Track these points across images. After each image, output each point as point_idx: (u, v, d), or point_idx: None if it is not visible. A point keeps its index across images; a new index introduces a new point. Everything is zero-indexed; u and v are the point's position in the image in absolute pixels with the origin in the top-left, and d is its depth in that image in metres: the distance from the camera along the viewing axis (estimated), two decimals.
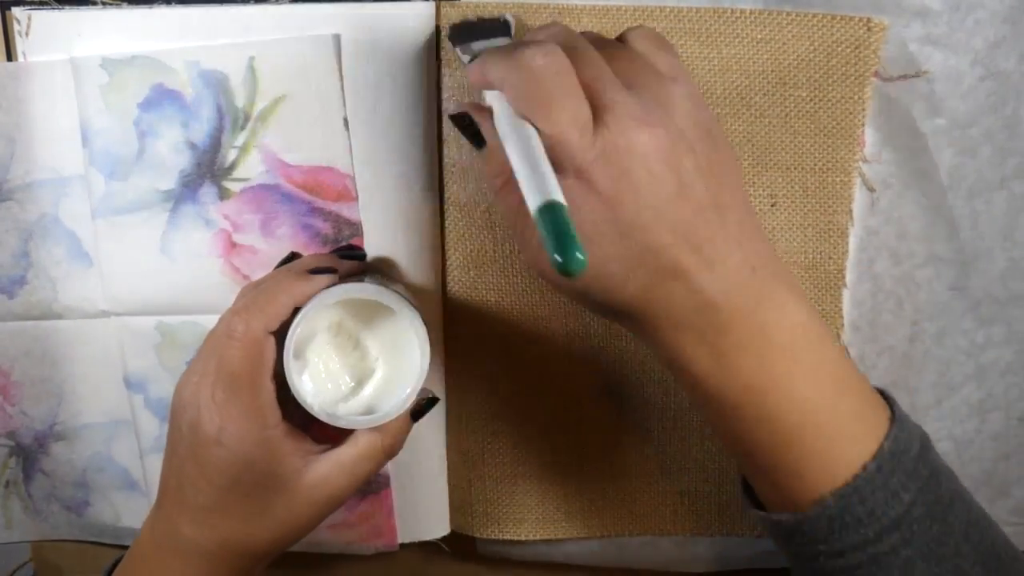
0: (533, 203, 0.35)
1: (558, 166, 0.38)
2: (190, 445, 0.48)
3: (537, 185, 0.36)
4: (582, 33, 0.43)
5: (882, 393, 0.45)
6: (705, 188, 0.40)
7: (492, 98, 0.42)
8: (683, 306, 0.40)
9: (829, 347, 0.43)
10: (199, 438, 0.48)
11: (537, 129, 0.38)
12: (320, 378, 0.51)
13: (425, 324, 0.49)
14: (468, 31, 0.52)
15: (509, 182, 0.41)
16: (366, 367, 0.52)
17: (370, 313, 0.52)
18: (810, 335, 0.42)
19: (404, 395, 0.49)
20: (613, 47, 0.42)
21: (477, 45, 0.50)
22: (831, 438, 0.41)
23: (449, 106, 0.53)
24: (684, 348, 0.41)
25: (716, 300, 0.40)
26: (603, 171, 0.38)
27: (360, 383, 0.52)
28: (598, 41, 0.42)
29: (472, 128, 0.45)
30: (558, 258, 0.33)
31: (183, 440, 0.49)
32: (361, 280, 0.54)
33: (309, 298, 0.50)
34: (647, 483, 0.61)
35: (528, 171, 0.37)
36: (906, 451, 0.42)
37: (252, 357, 0.48)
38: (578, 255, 0.33)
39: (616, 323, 0.44)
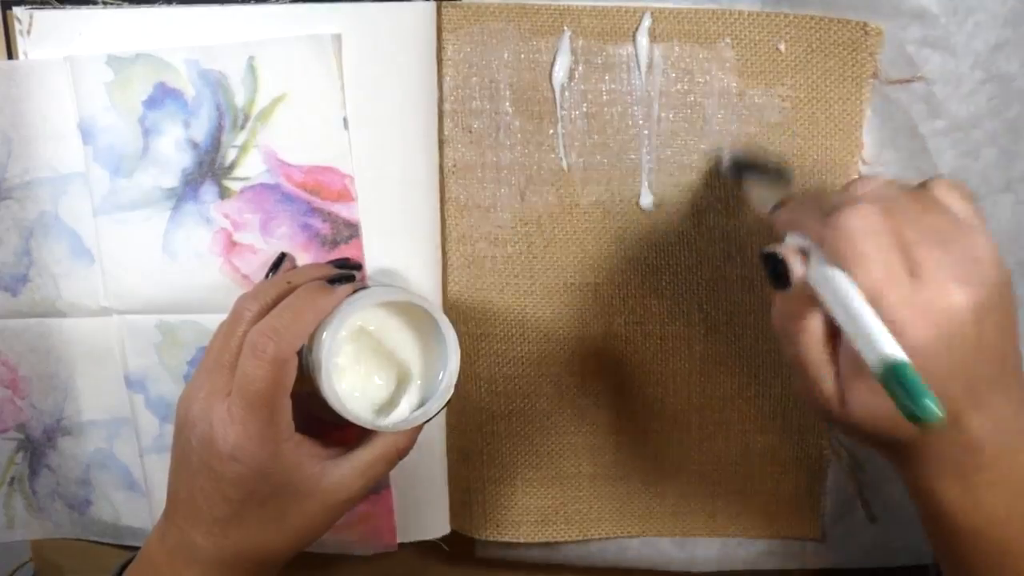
0: (878, 361, 0.37)
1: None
2: (202, 459, 0.48)
3: (878, 341, 0.38)
4: (889, 182, 0.45)
5: None
6: (997, 339, 0.41)
7: (806, 245, 0.43)
8: (950, 444, 0.42)
9: None
10: (213, 453, 0.48)
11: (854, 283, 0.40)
12: (352, 386, 0.53)
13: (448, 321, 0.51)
14: (749, 165, 0.55)
15: (806, 332, 0.43)
16: (392, 369, 0.54)
17: (389, 316, 0.53)
18: None
19: (442, 388, 0.51)
20: (921, 199, 0.43)
21: (754, 179, 0.54)
22: None
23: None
24: (938, 482, 0.43)
25: (982, 440, 0.41)
26: (918, 327, 0.39)
27: (387, 384, 0.53)
28: (907, 193, 0.43)
29: (778, 268, 0.45)
30: (917, 414, 0.35)
31: (193, 454, 0.49)
32: (367, 287, 0.55)
33: (333, 310, 0.51)
34: (646, 485, 0.61)
35: (859, 322, 0.39)
36: None
37: (277, 377, 0.48)
38: (937, 410, 0.35)
39: (874, 448, 0.45)
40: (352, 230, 0.57)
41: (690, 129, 0.56)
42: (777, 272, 0.44)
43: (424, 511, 0.63)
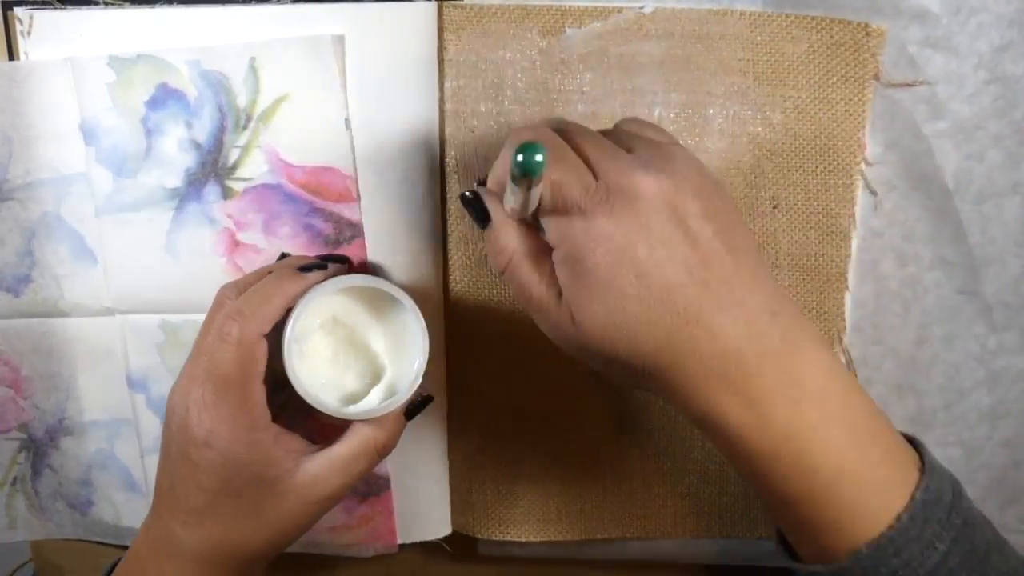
0: (512, 158, 0.37)
1: (563, 209, 0.41)
2: (180, 447, 0.49)
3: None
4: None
5: (911, 440, 0.45)
6: (714, 232, 0.41)
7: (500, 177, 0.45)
8: (708, 352, 0.40)
9: (858, 394, 0.43)
10: (188, 439, 0.48)
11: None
12: (318, 373, 0.52)
13: (421, 313, 0.51)
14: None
15: (513, 261, 0.44)
16: (365, 361, 0.53)
17: (363, 308, 0.53)
18: (838, 382, 0.42)
19: (412, 377, 0.50)
20: (609, 132, 0.45)
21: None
22: (865, 488, 0.41)
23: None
24: (715, 399, 0.41)
25: (740, 345, 0.40)
26: (612, 212, 0.40)
27: (361, 376, 0.53)
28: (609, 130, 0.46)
29: (478, 207, 0.46)
30: (518, 155, 0.36)
31: (174, 441, 0.49)
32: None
33: (301, 296, 0.50)
34: (648, 485, 0.61)
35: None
36: (938, 500, 0.41)
37: (244, 360, 0.48)
38: (539, 155, 0.36)
39: (643, 387, 0.44)
40: (354, 230, 0.57)
41: (691, 129, 0.56)
42: (478, 212, 0.46)
43: (426, 512, 0.63)
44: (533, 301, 0.44)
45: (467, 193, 0.46)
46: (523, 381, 0.60)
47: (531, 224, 0.45)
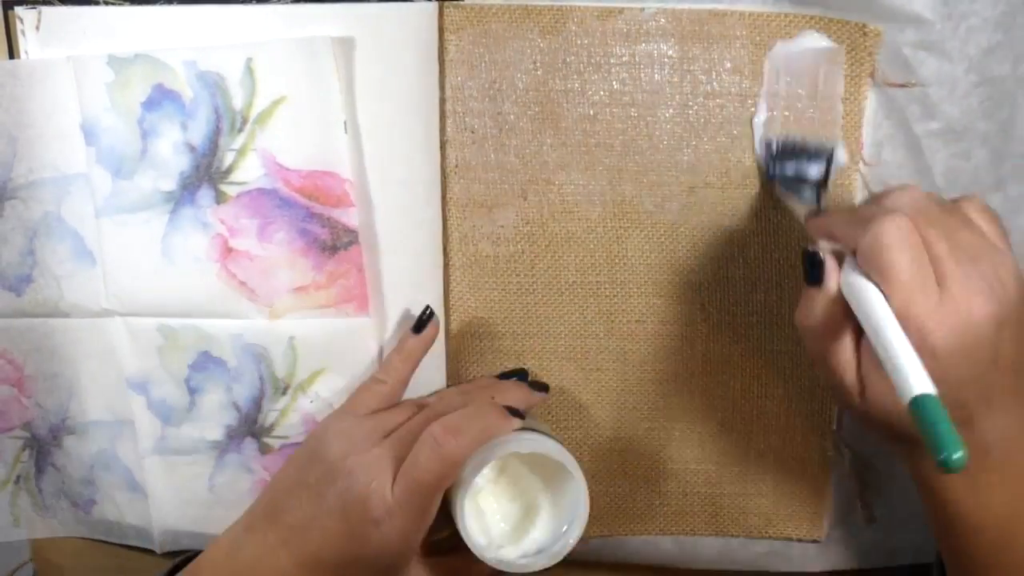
0: (906, 391, 0.39)
1: (902, 324, 0.42)
2: (343, 507, 0.49)
3: (908, 372, 0.40)
4: (928, 194, 0.47)
5: None
6: (1015, 354, 0.44)
7: (841, 250, 0.47)
8: (973, 443, 0.42)
9: None
10: (358, 509, 0.49)
11: (884, 294, 0.43)
12: (483, 519, 0.53)
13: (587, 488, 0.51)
14: (791, 151, 0.56)
15: (828, 328, 0.46)
16: (527, 510, 0.54)
17: (533, 462, 0.54)
18: None
19: (569, 539, 0.51)
20: (954, 215, 0.45)
21: (793, 167, 0.56)
22: None
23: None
24: (946, 478, 0.46)
25: (991, 443, 0.44)
26: (940, 334, 0.42)
27: (519, 526, 0.54)
28: (941, 207, 0.46)
29: (815, 266, 0.47)
30: (941, 457, 0.37)
31: (332, 495, 0.50)
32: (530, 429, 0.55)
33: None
34: (647, 484, 0.62)
35: (893, 351, 0.41)
36: None
37: (444, 476, 0.49)
38: (960, 453, 0.36)
39: (885, 439, 0.48)
40: (352, 236, 0.56)
41: (692, 128, 0.56)
42: (814, 269, 0.47)
43: None
44: (833, 371, 0.47)
45: (815, 251, 0.48)
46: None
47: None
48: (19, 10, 0.55)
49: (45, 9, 0.55)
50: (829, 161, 0.56)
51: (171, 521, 0.64)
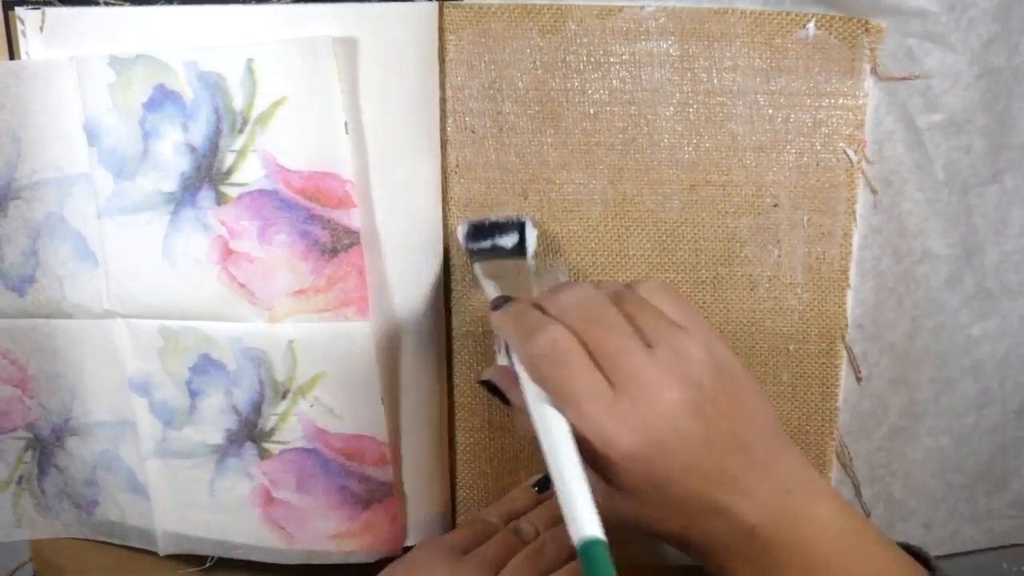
0: (575, 533, 0.37)
1: (585, 437, 0.40)
2: None
3: (575, 513, 0.37)
4: (599, 284, 0.45)
5: (919, 556, 0.46)
6: (730, 429, 0.41)
7: (517, 365, 0.43)
8: (724, 534, 0.42)
9: (868, 542, 0.44)
10: None
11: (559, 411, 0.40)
12: None
13: None
14: (481, 231, 0.56)
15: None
16: None
17: None
18: (848, 539, 0.43)
19: None
20: (628, 302, 0.43)
21: (486, 248, 0.55)
22: None
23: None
24: (730, 567, 0.43)
25: (755, 526, 0.42)
26: (629, 437, 0.39)
27: None
28: (615, 296, 0.43)
29: (498, 392, 0.47)
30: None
31: None
32: None
33: None
34: None
35: (564, 489, 0.38)
36: None
37: None
38: None
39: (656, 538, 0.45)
40: (352, 238, 0.55)
41: (692, 126, 0.56)
42: (499, 395, 0.46)
43: (427, 512, 0.62)
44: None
45: (488, 380, 0.46)
46: None
47: None
48: (20, 11, 0.55)
49: (49, 10, 0.55)
50: (522, 232, 0.55)
51: (173, 524, 0.63)
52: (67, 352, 0.61)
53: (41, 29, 0.55)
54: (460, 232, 0.56)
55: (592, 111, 0.56)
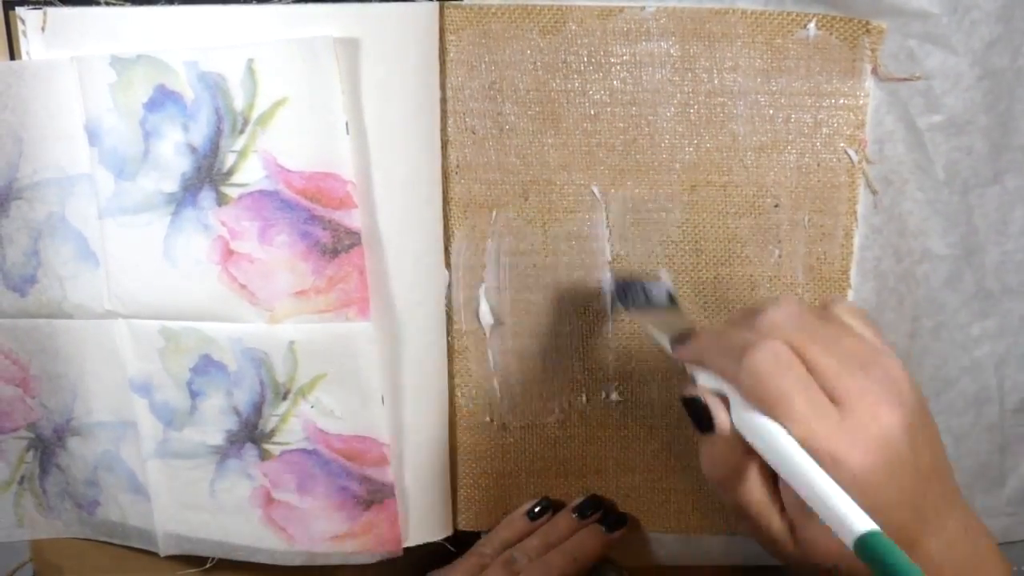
0: (847, 533, 0.35)
1: (811, 453, 0.38)
2: None
3: (842, 511, 0.36)
4: (790, 298, 0.44)
5: None
6: (931, 459, 0.40)
7: (723, 388, 0.42)
8: None
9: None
10: None
11: (783, 425, 0.39)
12: None
13: None
14: (631, 290, 0.56)
15: (738, 475, 0.42)
16: None
17: None
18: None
19: None
20: (829, 323, 0.42)
21: (644, 308, 0.55)
22: None
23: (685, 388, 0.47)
24: None
25: (940, 565, 0.41)
26: (861, 456, 0.38)
27: None
28: (814, 317, 0.43)
29: (701, 413, 0.43)
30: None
31: None
32: None
33: None
34: (652, 480, 0.61)
35: (819, 491, 0.37)
36: None
37: None
38: None
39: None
40: (353, 238, 0.55)
41: (693, 127, 0.56)
42: (700, 417, 0.43)
43: (427, 513, 0.62)
44: (755, 520, 0.43)
45: (695, 398, 0.44)
46: (525, 378, 0.60)
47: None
48: (20, 11, 0.55)
49: (51, 10, 0.55)
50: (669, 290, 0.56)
51: (174, 524, 0.63)
52: (68, 352, 0.61)
53: (42, 29, 0.55)
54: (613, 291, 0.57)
55: (593, 112, 0.55)
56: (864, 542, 0.35)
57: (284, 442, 0.60)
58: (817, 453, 0.38)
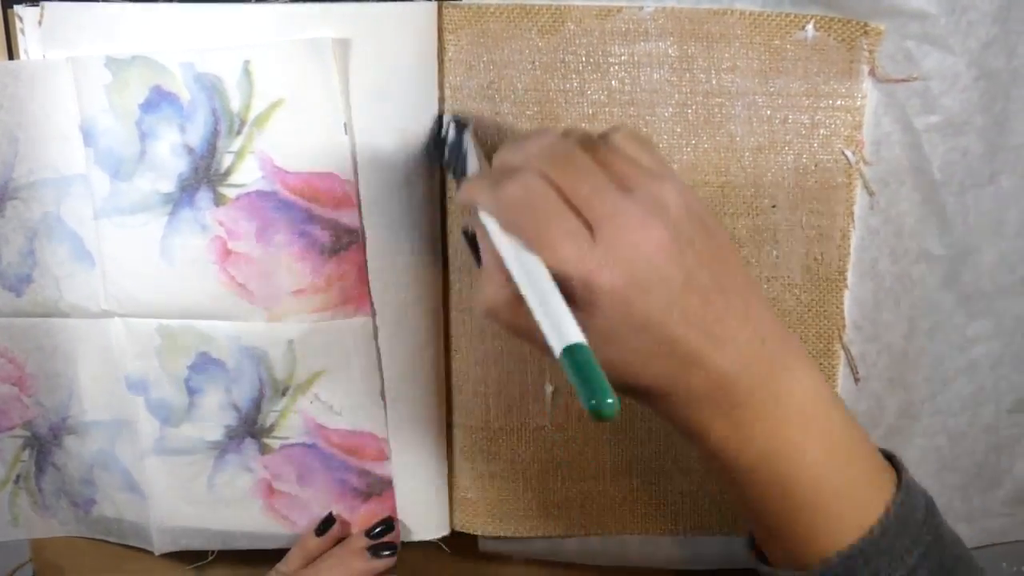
0: (556, 346, 0.36)
1: (564, 279, 0.38)
2: None
3: (555, 325, 0.37)
4: (567, 131, 0.44)
5: (890, 457, 0.46)
6: (709, 275, 0.40)
7: (486, 220, 0.42)
8: (700, 386, 0.41)
9: (840, 413, 0.43)
10: None
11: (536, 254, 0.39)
12: None
13: None
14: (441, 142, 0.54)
15: (507, 304, 0.41)
16: None
17: None
18: (821, 401, 0.43)
19: None
20: (600, 150, 0.42)
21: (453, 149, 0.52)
22: (840, 502, 0.42)
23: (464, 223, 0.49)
24: (702, 422, 0.42)
25: (731, 376, 0.40)
26: (609, 275, 0.38)
27: None
28: (584, 143, 0.42)
29: (472, 242, 0.45)
30: (592, 403, 0.34)
31: None
32: None
33: None
34: (649, 482, 0.61)
35: (542, 309, 0.38)
36: (911, 515, 0.42)
37: None
38: (609, 400, 0.34)
39: (633, 399, 0.43)
40: (352, 236, 0.55)
41: (691, 127, 0.55)
42: (472, 248, 0.44)
43: (425, 511, 0.62)
44: (538, 344, 0.42)
45: (466, 228, 0.45)
46: (524, 378, 0.60)
47: None
48: (19, 9, 0.55)
49: (47, 5, 0.54)
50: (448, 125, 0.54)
51: (169, 521, 0.63)
52: (64, 351, 0.61)
53: (40, 23, 0.54)
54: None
55: (591, 112, 0.55)
56: (566, 353, 0.36)
57: (283, 436, 0.60)
58: (568, 278, 0.38)
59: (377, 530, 0.61)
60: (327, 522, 0.61)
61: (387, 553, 0.61)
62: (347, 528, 0.62)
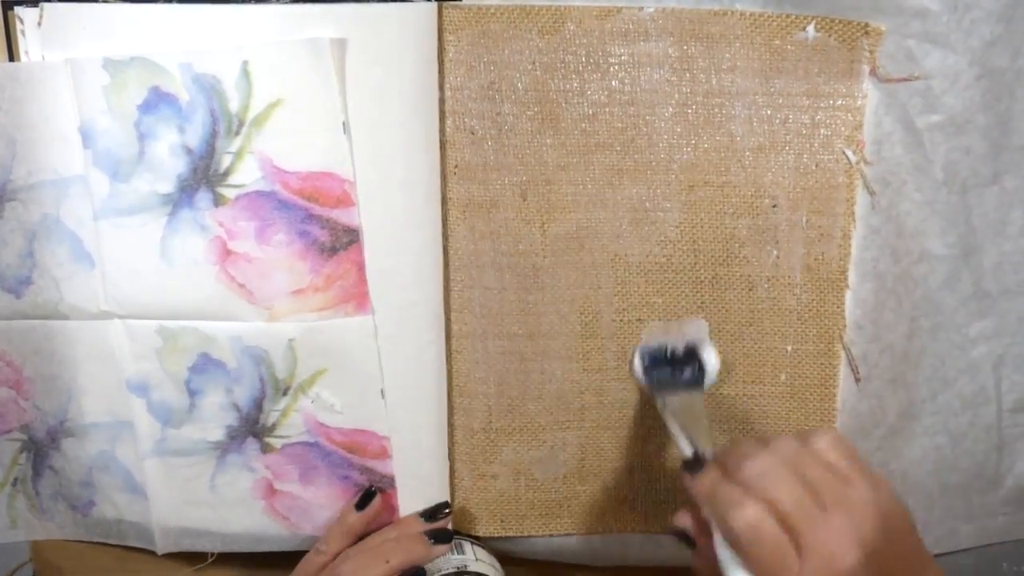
0: None
1: None
2: None
3: None
4: (769, 443, 0.47)
5: None
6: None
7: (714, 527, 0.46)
8: None
9: None
10: None
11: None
12: None
13: None
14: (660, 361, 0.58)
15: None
16: None
17: None
18: None
19: None
20: (803, 464, 0.46)
21: (667, 386, 0.57)
22: None
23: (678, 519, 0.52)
24: None
25: None
26: None
27: None
28: (793, 460, 0.46)
29: (688, 538, 0.49)
30: None
31: None
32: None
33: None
34: (650, 481, 0.61)
35: None
36: None
37: None
38: None
39: None
40: (352, 236, 0.55)
41: (691, 127, 0.55)
42: (687, 540, 0.49)
43: (425, 508, 0.62)
44: None
45: (681, 531, 0.49)
46: (524, 377, 0.59)
47: None
48: (19, 10, 0.54)
49: (47, 6, 0.54)
50: (699, 361, 0.57)
51: (171, 522, 0.63)
52: (64, 353, 0.61)
53: (39, 24, 0.54)
54: (637, 365, 0.58)
55: (591, 112, 0.55)
56: None
57: (285, 435, 0.60)
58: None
59: (436, 514, 0.61)
60: (368, 495, 0.60)
61: (446, 538, 0.59)
62: (388, 501, 0.61)
